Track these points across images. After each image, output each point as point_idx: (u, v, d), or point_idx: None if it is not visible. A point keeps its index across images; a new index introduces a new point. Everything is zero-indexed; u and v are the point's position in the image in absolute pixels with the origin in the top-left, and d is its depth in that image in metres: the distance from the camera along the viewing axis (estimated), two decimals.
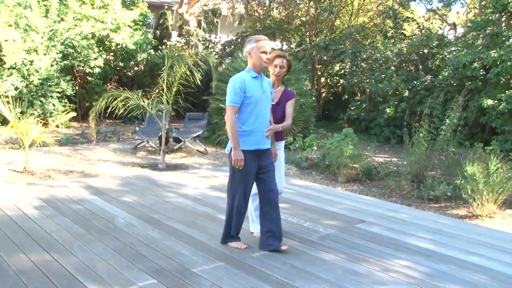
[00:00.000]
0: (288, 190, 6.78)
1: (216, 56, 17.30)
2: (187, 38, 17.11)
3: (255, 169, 4.00)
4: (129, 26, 14.01)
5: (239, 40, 17.30)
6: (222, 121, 11.15)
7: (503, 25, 11.02)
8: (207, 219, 5.06)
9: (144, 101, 8.26)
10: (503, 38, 10.37)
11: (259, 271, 3.67)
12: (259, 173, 4.03)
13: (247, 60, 4.05)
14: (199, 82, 8.09)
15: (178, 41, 17.07)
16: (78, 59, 12.87)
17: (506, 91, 9.60)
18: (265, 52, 3.95)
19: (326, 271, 3.73)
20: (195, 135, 10.28)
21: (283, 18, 17.22)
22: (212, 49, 17.71)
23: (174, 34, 18.99)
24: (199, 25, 19.03)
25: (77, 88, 13.64)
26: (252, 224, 4.58)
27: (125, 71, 16.08)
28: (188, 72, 8.26)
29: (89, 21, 13.18)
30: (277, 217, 4.10)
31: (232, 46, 17.17)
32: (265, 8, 17.28)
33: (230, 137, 3.90)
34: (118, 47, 14.05)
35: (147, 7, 16.38)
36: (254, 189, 4.21)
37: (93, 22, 13.23)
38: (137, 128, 10.40)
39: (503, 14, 10.81)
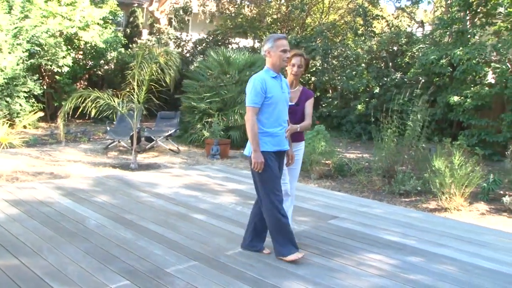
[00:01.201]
0: None
1: (188, 55, 17.21)
2: (158, 36, 16.93)
3: (278, 169, 3.88)
4: (98, 24, 13.76)
5: (210, 38, 17.22)
6: (193, 120, 11.11)
7: (468, 23, 11.30)
8: (180, 218, 5.02)
9: (114, 101, 8.14)
10: (468, 36, 10.64)
11: (234, 269, 3.66)
12: None
13: (265, 59, 3.90)
14: (168, 81, 8.02)
15: (149, 40, 16.87)
16: (46, 58, 12.57)
17: (472, 88, 9.85)
18: (285, 51, 3.80)
19: (300, 267, 3.75)
20: (167, 134, 10.19)
21: (255, 16, 17.23)
22: (183, 47, 17.57)
23: (145, 32, 18.76)
24: (170, 23, 18.84)
25: (45, 87, 13.32)
26: None
27: (95, 70, 15.80)
28: (159, 71, 8.18)
29: (56, 18, 12.87)
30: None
31: (204, 44, 17.08)
32: (237, 6, 17.24)
33: (251, 139, 3.75)
34: (88, 45, 13.79)
35: (117, 4, 16.12)
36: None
37: (60, 19, 12.93)
38: (108, 128, 10.24)
39: (467, 12, 11.08)
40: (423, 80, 11.68)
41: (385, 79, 12.83)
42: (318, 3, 17.56)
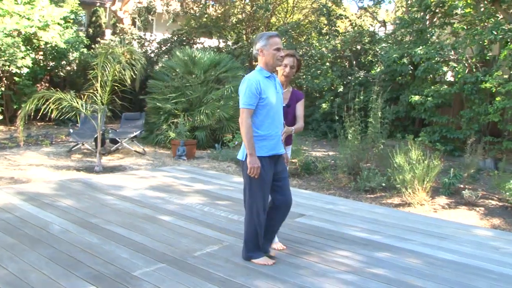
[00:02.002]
0: (228, 188, 6.81)
1: (152, 55, 17.01)
2: (122, 36, 16.65)
3: (272, 176, 3.73)
4: (58, 23, 13.40)
5: (175, 38, 17.07)
6: (159, 121, 11.00)
7: (427, 22, 11.61)
8: (147, 220, 4.96)
9: (77, 102, 7.97)
10: (428, 35, 10.94)
11: (202, 270, 3.65)
12: (275, 180, 3.76)
13: (257, 58, 3.78)
14: (129, 82, 7.91)
15: (112, 40, 16.57)
16: (3, 59, 12.15)
17: (432, 87, 10.13)
18: (278, 49, 3.65)
19: (268, 266, 3.77)
20: (132, 135, 10.04)
21: (219, 15, 17.18)
22: (147, 48, 17.35)
23: (108, 32, 18.41)
24: (133, 23, 18.56)
25: (3, 89, 12.90)
26: None
27: (56, 71, 15.38)
28: (122, 71, 8.05)
29: (13, 17, 12.46)
30: (279, 227, 3.98)
31: (168, 44, 16.92)
32: (201, 6, 17.14)
33: (246, 143, 3.58)
34: (48, 46, 13.41)
35: (78, 4, 15.76)
36: None
37: (18, 18, 12.52)
38: (71, 130, 10.01)
39: (426, 12, 11.39)
40: (386, 79, 11.92)
41: (349, 77, 13.02)
42: (282, 3, 17.66)
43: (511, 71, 9.28)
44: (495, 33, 8.96)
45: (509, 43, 8.79)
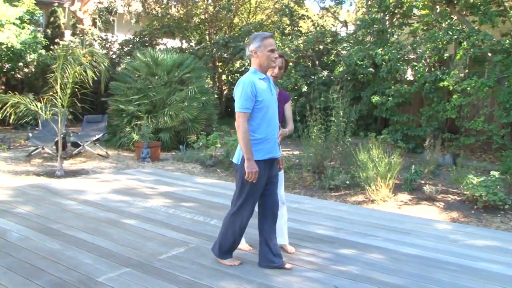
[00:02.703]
0: (193, 189, 6.78)
1: (114, 56, 16.71)
2: (82, 37, 16.29)
3: (265, 180, 3.66)
4: (14, 24, 12.98)
5: (137, 39, 16.84)
6: (122, 123, 10.83)
7: (387, 23, 11.88)
8: (111, 224, 4.87)
9: (36, 105, 7.75)
10: (388, 35, 11.19)
11: (167, 273, 3.62)
12: (266, 184, 3.69)
13: (250, 60, 3.70)
14: (91, 84, 7.75)
15: (72, 41, 16.19)
16: None
17: (393, 86, 10.37)
18: (272, 50, 3.58)
19: (234, 266, 3.77)
20: (94, 138, 9.84)
21: (182, 16, 17.05)
22: (109, 49, 17.04)
23: (68, 33, 17.98)
24: (94, 24, 18.19)
25: None
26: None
27: (13, 73, 14.91)
28: (83, 73, 7.88)
29: None
30: (275, 231, 3.87)
31: (131, 45, 16.67)
32: (163, 6, 16.97)
33: (243, 147, 3.49)
34: (3, 46, 12.97)
35: (34, 3, 15.29)
36: None
37: None
38: (31, 134, 9.72)
39: (386, 13, 11.65)
40: (349, 78, 12.11)
41: (313, 77, 13.16)
42: (245, 3, 17.69)
43: (466, 70, 9.62)
44: (451, 33, 9.26)
45: (463, 43, 9.10)
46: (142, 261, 3.85)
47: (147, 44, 16.26)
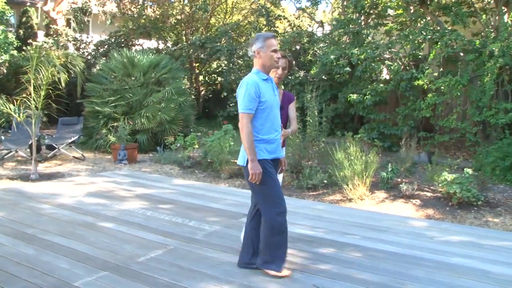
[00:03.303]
0: (171, 191, 6.74)
1: (89, 57, 16.47)
2: (56, 38, 16.01)
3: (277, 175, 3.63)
4: None
5: (113, 39, 16.63)
6: (98, 125, 10.69)
7: (363, 23, 12.01)
8: (87, 228, 4.81)
9: (9, 107, 7.59)
10: (364, 36, 11.32)
11: (146, 275, 3.59)
12: None
13: (253, 60, 3.68)
14: (65, 85, 7.63)
15: (45, 42, 15.89)
16: None
17: (369, 86, 10.50)
18: (275, 51, 3.58)
19: (213, 267, 3.77)
20: (70, 141, 9.68)
21: (158, 16, 16.90)
22: (84, 50, 16.79)
23: (41, 33, 17.64)
24: (68, 24, 17.89)
25: None
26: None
27: None
28: (56, 74, 7.74)
29: None
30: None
31: (106, 46, 16.45)
32: (139, 7, 16.80)
33: (247, 148, 3.46)
34: None
35: (5, 2, 14.93)
36: None
37: None
38: (3, 138, 9.50)
39: (361, 14, 11.78)
40: (325, 78, 12.20)
41: (289, 77, 13.21)
42: (221, 4, 17.65)
43: (440, 69, 9.80)
44: (424, 33, 9.43)
45: (437, 43, 9.27)
46: (119, 264, 3.81)
47: (123, 45, 16.06)
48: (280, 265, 3.62)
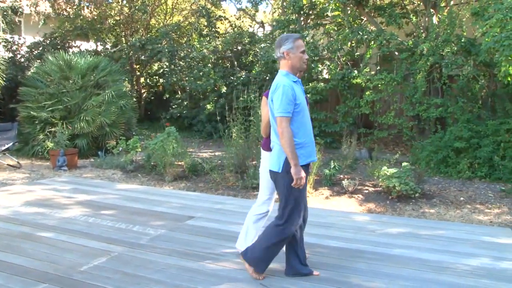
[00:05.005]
0: (114, 196, 6.57)
1: (23, 59, 15.74)
2: None
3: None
4: None
5: (47, 41, 15.97)
6: (34, 131, 10.22)
7: (302, 24, 12.24)
8: (25, 239, 4.59)
9: None
10: (303, 36, 11.55)
11: (89, 285, 3.48)
12: None
13: (279, 62, 3.57)
14: None
15: None
16: None
17: (310, 84, 10.73)
18: (304, 52, 3.50)
19: (159, 272, 3.72)
20: (3, 148, 9.21)
21: (95, 17, 16.42)
22: (16, 52, 16.01)
23: None
24: None
25: None
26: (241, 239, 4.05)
27: None
28: None
29: None
30: (303, 238, 3.76)
31: (41, 48, 15.77)
32: (75, 7, 16.23)
33: (290, 153, 3.31)
34: None
35: None
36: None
37: None
38: None
39: (301, 14, 12.01)
40: (267, 78, 12.33)
41: (232, 78, 13.25)
42: (161, 5, 17.39)
43: (378, 67, 10.18)
44: (361, 33, 9.76)
45: (373, 43, 9.62)
46: (60, 274, 3.67)
47: (59, 47, 15.45)
48: (265, 269, 3.65)
